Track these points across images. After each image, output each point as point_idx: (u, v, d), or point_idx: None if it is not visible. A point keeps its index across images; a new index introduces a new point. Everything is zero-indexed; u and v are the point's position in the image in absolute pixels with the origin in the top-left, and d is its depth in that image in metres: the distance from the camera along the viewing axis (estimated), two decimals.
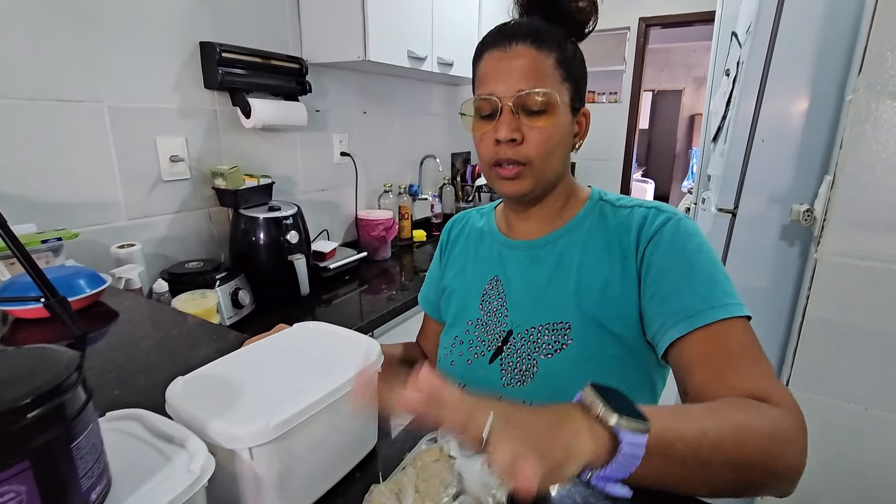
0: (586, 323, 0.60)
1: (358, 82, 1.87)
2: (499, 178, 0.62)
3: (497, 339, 0.66)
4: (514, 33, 0.59)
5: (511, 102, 0.58)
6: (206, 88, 1.34)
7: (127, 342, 0.74)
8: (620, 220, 0.62)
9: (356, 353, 0.46)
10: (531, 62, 0.58)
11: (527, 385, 0.62)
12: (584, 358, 0.60)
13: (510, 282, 0.68)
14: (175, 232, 1.33)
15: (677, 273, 0.55)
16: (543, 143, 0.59)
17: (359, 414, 0.46)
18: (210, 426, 0.35)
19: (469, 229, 0.78)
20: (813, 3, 1.06)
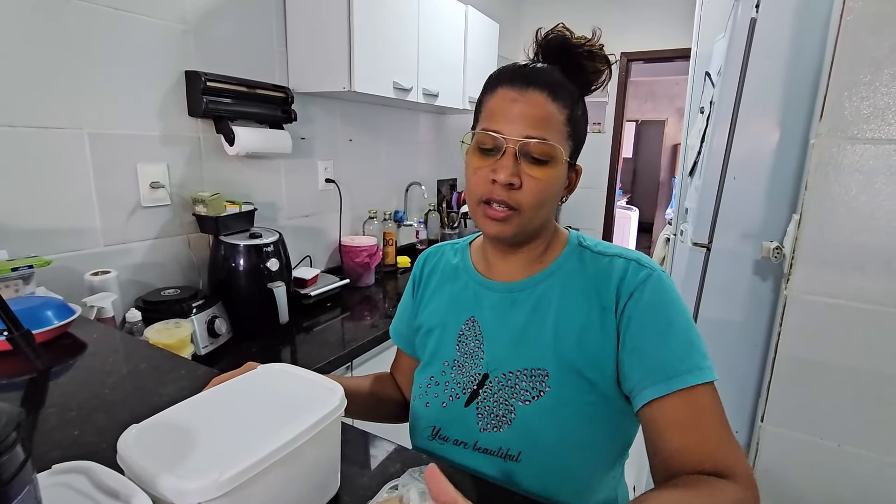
0: (564, 370, 0.60)
1: (344, 110, 1.90)
2: (485, 217, 0.62)
3: (472, 381, 0.65)
4: (534, 79, 0.58)
5: (516, 147, 0.58)
6: (190, 116, 1.35)
7: (92, 377, 0.72)
8: (600, 268, 0.63)
9: (320, 397, 0.46)
10: (544, 112, 0.58)
11: (503, 431, 0.61)
12: (562, 405, 0.60)
13: (487, 323, 0.67)
14: (153, 258, 1.32)
15: (657, 331, 0.57)
16: (539, 194, 0.59)
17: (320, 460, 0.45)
18: (159, 480, 0.34)
19: (444, 265, 0.76)
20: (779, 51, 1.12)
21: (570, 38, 0.61)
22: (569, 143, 0.60)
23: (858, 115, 0.88)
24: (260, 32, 1.53)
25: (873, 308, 0.92)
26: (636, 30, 3.09)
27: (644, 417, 0.56)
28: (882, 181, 0.88)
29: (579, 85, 0.62)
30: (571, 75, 0.61)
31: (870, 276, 0.91)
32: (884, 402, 0.95)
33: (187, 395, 0.66)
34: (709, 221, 1.24)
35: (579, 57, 0.61)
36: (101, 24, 1.14)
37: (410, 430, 0.74)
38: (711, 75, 1.48)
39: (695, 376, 0.53)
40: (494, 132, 0.59)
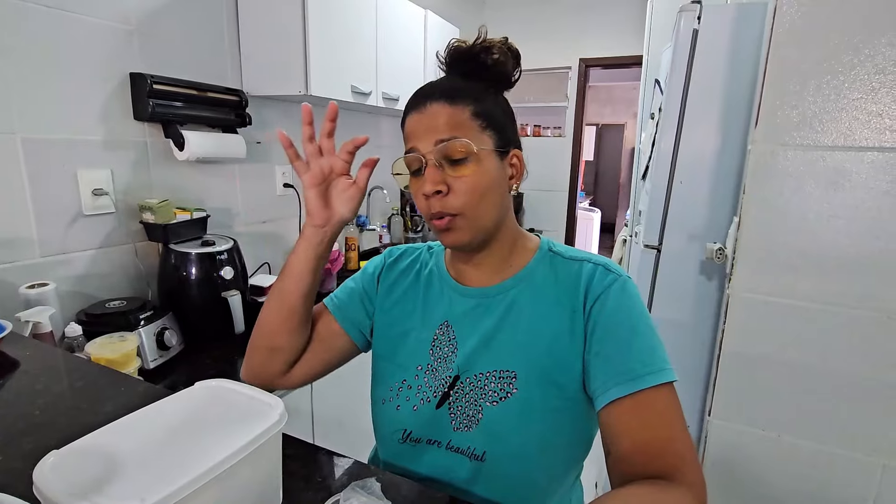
0: (532, 373, 0.62)
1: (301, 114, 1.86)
2: (437, 231, 0.64)
3: (444, 384, 0.66)
4: (429, 94, 0.62)
5: (433, 156, 0.60)
6: (136, 120, 1.30)
7: (21, 398, 0.68)
8: (570, 273, 0.64)
9: (257, 413, 0.45)
10: (446, 117, 0.60)
11: (472, 431, 0.63)
12: (528, 408, 0.61)
13: (461, 328, 0.68)
14: (97, 269, 1.25)
15: (621, 335, 0.59)
16: (470, 192, 0.60)
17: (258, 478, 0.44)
18: None
19: (419, 267, 0.75)
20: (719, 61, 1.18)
21: (461, 46, 0.64)
22: (487, 135, 0.62)
23: (789, 123, 0.94)
24: (210, 34, 1.48)
25: (805, 305, 0.97)
26: (593, 37, 3.18)
27: (602, 420, 0.58)
28: (811, 185, 0.94)
29: (492, 81, 0.65)
30: (477, 76, 0.64)
31: (802, 275, 0.97)
32: (816, 394, 1.00)
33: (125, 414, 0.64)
34: (658, 224, 1.29)
35: (477, 57, 0.64)
36: (34, 24, 1.08)
37: (377, 432, 0.74)
38: (661, 83, 1.53)
39: (654, 377, 0.56)
40: (410, 151, 0.63)
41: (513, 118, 0.68)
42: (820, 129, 0.92)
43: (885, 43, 0.86)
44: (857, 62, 0.88)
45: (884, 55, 0.86)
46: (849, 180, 0.91)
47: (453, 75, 0.66)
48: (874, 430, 0.97)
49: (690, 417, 1.32)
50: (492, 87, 0.65)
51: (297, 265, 0.68)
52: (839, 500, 1.02)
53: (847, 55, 0.88)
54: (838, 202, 0.93)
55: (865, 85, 0.88)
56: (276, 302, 0.69)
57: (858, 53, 0.87)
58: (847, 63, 0.88)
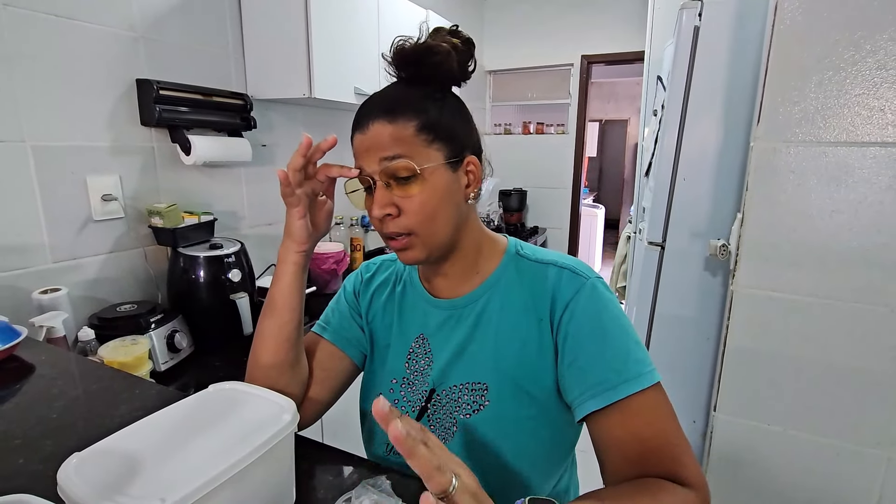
0: (503, 384, 0.60)
1: (306, 116, 1.88)
2: (393, 250, 0.62)
3: (421, 398, 0.66)
4: (369, 112, 0.59)
5: (378, 177, 0.58)
6: (142, 125, 1.31)
7: (38, 402, 0.70)
8: (536, 277, 0.62)
9: (270, 415, 0.46)
10: (386, 137, 0.57)
11: (449, 443, 0.63)
12: (501, 418, 0.60)
13: (435, 340, 0.67)
14: (107, 273, 1.27)
15: (593, 343, 0.56)
16: (420, 211, 0.58)
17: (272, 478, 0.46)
18: None
19: (394, 279, 0.74)
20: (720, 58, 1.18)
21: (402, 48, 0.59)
22: (434, 148, 0.58)
23: (791, 120, 0.94)
24: (214, 39, 1.50)
25: (808, 300, 0.98)
26: (595, 33, 3.17)
27: (589, 430, 0.57)
28: (814, 181, 0.94)
29: (442, 80, 0.61)
30: (423, 81, 0.60)
31: (804, 271, 0.97)
32: (820, 388, 1.01)
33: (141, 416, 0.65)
34: (662, 221, 1.29)
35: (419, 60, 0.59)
36: (42, 32, 1.09)
37: (365, 441, 0.75)
38: (663, 79, 1.54)
39: (629, 385, 0.53)
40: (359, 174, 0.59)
41: (466, 119, 0.63)
42: (822, 125, 0.92)
43: (887, 38, 0.86)
44: (859, 58, 0.88)
45: (885, 51, 0.86)
46: (851, 176, 0.92)
47: (399, 80, 0.62)
48: (879, 424, 0.98)
49: (696, 412, 1.33)
50: (439, 90, 0.61)
51: (289, 294, 0.66)
52: (844, 493, 1.03)
53: (848, 51, 0.88)
54: (840, 198, 0.93)
55: (867, 80, 0.88)
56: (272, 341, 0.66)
57: (860, 49, 0.87)
58: (848, 59, 0.88)
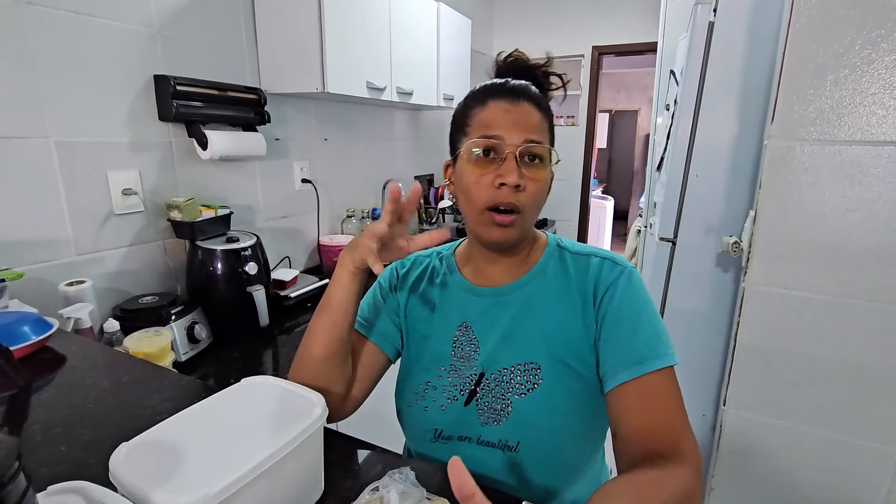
0: (554, 363, 0.65)
1: (318, 110, 1.89)
2: (492, 224, 0.64)
3: (470, 382, 0.69)
4: (522, 92, 0.65)
5: (516, 151, 0.62)
6: (160, 121, 1.34)
7: (73, 392, 0.73)
8: (579, 267, 0.69)
9: (301, 409, 0.48)
10: (535, 120, 0.64)
11: (501, 424, 0.66)
12: (554, 395, 0.65)
13: (479, 327, 0.71)
14: (128, 266, 1.31)
15: (629, 323, 0.63)
16: (537, 194, 0.64)
17: (303, 468, 0.48)
18: (153, 497, 0.37)
19: (430, 273, 0.77)
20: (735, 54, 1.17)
21: (529, 62, 0.70)
22: (550, 146, 0.67)
23: (805, 118, 0.94)
24: (229, 34, 1.51)
25: (821, 298, 0.99)
26: (606, 24, 3.14)
27: (609, 401, 0.62)
28: (827, 180, 0.95)
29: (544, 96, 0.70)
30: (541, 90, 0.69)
31: (818, 269, 0.98)
32: (833, 385, 1.02)
33: (171, 406, 0.69)
34: (674, 216, 1.30)
35: (539, 77, 0.70)
36: (63, 30, 1.11)
37: (408, 434, 0.77)
38: (676, 74, 1.53)
39: (659, 361, 0.60)
40: (495, 137, 0.63)
41: None
42: (837, 123, 0.92)
43: None
44: (876, 56, 0.88)
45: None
46: (866, 175, 0.92)
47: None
48: (889, 421, 0.99)
49: (706, 406, 1.35)
50: None
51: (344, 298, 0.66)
52: (852, 489, 1.05)
53: (865, 49, 0.88)
54: (855, 196, 0.93)
55: (883, 79, 0.88)
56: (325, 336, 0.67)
57: (877, 48, 0.87)
58: (865, 57, 0.88)
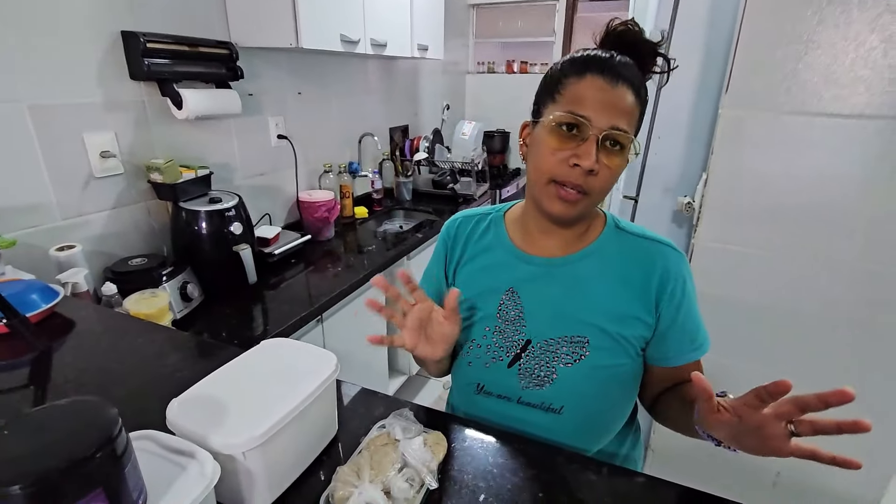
0: (603, 339, 0.69)
1: (291, 64, 1.85)
2: (554, 196, 0.64)
3: (516, 346, 0.72)
4: (623, 73, 0.61)
5: (600, 135, 0.60)
6: (132, 80, 1.31)
7: (94, 354, 0.80)
8: (639, 251, 0.71)
9: (317, 365, 0.57)
10: (629, 107, 0.61)
11: (545, 388, 0.71)
12: (600, 367, 0.69)
13: (527, 294, 0.73)
14: (113, 228, 1.33)
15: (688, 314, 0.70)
16: (609, 180, 0.63)
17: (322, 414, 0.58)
18: (210, 439, 0.46)
19: (479, 236, 0.79)
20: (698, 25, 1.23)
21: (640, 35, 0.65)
22: (634, 133, 0.65)
23: (757, 90, 1.03)
24: None
25: (757, 252, 1.12)
26: None
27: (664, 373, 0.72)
28: (773, 147, 1.05)
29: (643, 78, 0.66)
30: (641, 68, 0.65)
31: (756, 228, 1.11)
32: (767, 327, 1.18)
33: (188, 364, 0.76)
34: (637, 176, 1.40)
35: (646, 55, 0.65)
36: None
37: (454, 382, 0.83)
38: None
39: (698, 353, 0.71)
40: (582, 117, 0.60)
41: None
42: (785, 95, 1.01)
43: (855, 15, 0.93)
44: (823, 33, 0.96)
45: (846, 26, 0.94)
46: (805, 144, 1.03)
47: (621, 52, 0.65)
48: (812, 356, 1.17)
49: None
50: None
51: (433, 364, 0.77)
52: None
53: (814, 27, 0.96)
54: (795, 162, 1.04)
55: (828, 55, 0.96)
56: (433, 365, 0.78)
57: (824, 25, 0.95)
58: (812, 34, 0.96)
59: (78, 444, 0.33)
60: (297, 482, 0.55)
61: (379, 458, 0.53)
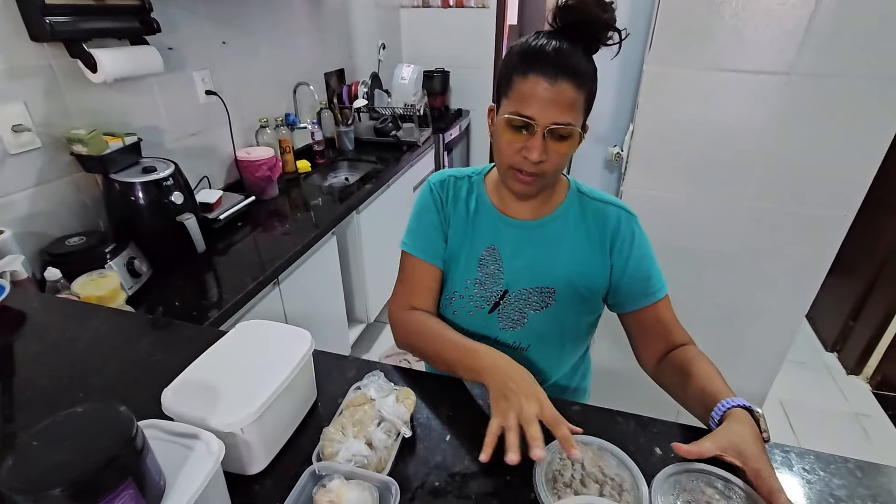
0: (566, 289, 0.83)
1: (210, 10, 1.71)
2: (514, 179, 0.74)
3: (495, 295, 0.85)
4: (564, 67, 0.65)
5: (545, 130, 0.68)
6: (33, 41, 1.18)
7: (58, 345, 0.81)
8: (597, 212, 0.82)
9: (294, 342, 0.64)
10: (570, 100, 0.66)
11: (517, 330, 0.86)
12: (562, 313, 0.84)
13: (505, 251, 0.84)
14: (40, 207, 1.25)
15: (637, 265, 0.81)
16: (560, 162, 0.72)
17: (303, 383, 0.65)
18: (210, 420, 0.52)
19: (463, 197, 0.87)
20: None
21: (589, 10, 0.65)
22: (584, 116, 0.71)
23: (676, 48, 1.11)
24: None
25: (677, 197, 1.26)
26: None
27: (623, 320, 0.85)
28: (690, 103, 1.15)
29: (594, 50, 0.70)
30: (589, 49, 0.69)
31: (676, 175, 1.24)
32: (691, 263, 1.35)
33: (162, 347, 0.80)
34: None
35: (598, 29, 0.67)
36: None
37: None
38: None
39: (661, 292, 0.82)
40: (527, 118, 0.67)
41: None
42: (699, 54, 1.10)
43: None
44: None
45: None
46: (717, 97, 1.14)
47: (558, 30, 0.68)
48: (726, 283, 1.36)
49: None
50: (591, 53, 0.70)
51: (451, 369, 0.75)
52: None
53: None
54: (709, 115, 1.16)
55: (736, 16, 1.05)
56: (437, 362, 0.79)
57: None
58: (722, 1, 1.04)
59: (105, 445, 0.39)
60: (287, 444, 0.63)
61: (359, 416, 0.62)
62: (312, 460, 0.57)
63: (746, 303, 1.35)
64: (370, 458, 0.57)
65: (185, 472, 0.47)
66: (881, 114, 1.04)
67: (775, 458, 0.62)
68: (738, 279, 1.33)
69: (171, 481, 0.46)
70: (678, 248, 1.33)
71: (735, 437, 0.56)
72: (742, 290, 1.34)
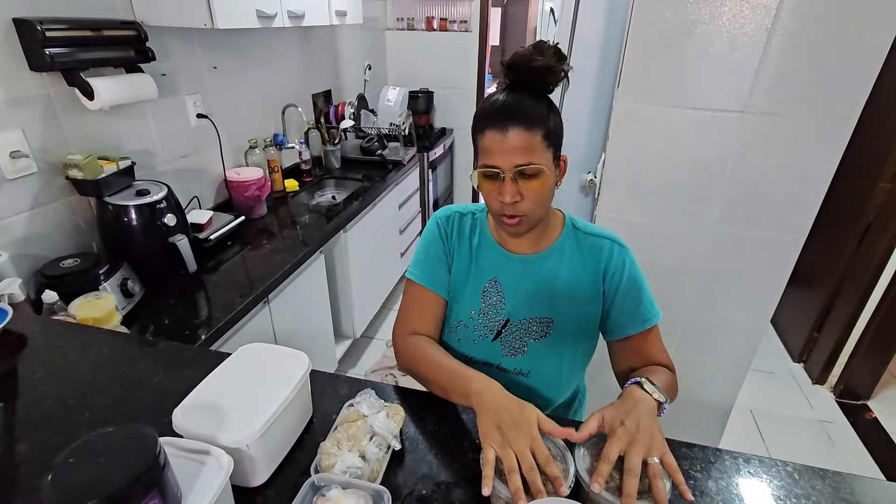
0: (564, 319, 0.89)
1: (202, 38, 1.77)
2: (502, 223, 0.81)
3: (498, 324, 0.91)
4: (511, 118, 0.73)
5: (511, 174, 0.75)
6: (33, 71, 1.22)
7: (62, 368, 0.85)
8: (591, 246, 0.88)
9: (292, 364, 0.69)
10: (524, 143, 0.73)
11: (518, 357, 0.91)
12: (560, 341, 0.90)
13: (507, 284, 0.90)
14: (35, 230, 1.29)
15: (632, 295, 0.87)
16: (537, 200, 0.77)
17: (300, 403, 0.71)
18: (219, 437, 0.57)
19: (466, 233, 0.93)
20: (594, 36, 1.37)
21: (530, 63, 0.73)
22: (550, 151, 0.77)
23: (642, 87, 1.21)
24: None
25: (644, 220, 1.36)
26: None
27: (612, 344, 0.91)
28: (656, 136, 1.26)
29: (546, 92, 0.77)
30: (539, 92, 0.76)
31: (643, 200, 1.33)
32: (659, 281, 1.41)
33: (163, 368, 0.84)
34: None
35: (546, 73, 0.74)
36: None
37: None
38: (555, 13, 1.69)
39: (653, 321, 0.87)
40: (492, 167, 0.76)
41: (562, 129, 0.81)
42: (664, 92, 1.21)
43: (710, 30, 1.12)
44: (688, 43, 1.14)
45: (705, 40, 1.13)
46: (680, 131, 1.24)
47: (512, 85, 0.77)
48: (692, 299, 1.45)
49: None
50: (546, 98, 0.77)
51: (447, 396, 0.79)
52: None
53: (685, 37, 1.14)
54: (670, 148, 1.26)
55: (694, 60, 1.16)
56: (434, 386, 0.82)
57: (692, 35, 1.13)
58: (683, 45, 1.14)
59: (134, 461, 0.44)
60: (286, 458, 0.68)
61: (353, 431, 0.67)
62: (311, 472, 0.63)
63: (712, 318, 1.44)
64: (364, 470, 0.63)
65: (198, 485, 0.52)
66: (822, 150, 1.15)
67: (725, 462, 0.70)
68: (704, 297, 1.43)
69: (186, 492, 0.51)
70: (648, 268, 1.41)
71: (606, 412, 0.67)
72: (707, 306, 1.44)
